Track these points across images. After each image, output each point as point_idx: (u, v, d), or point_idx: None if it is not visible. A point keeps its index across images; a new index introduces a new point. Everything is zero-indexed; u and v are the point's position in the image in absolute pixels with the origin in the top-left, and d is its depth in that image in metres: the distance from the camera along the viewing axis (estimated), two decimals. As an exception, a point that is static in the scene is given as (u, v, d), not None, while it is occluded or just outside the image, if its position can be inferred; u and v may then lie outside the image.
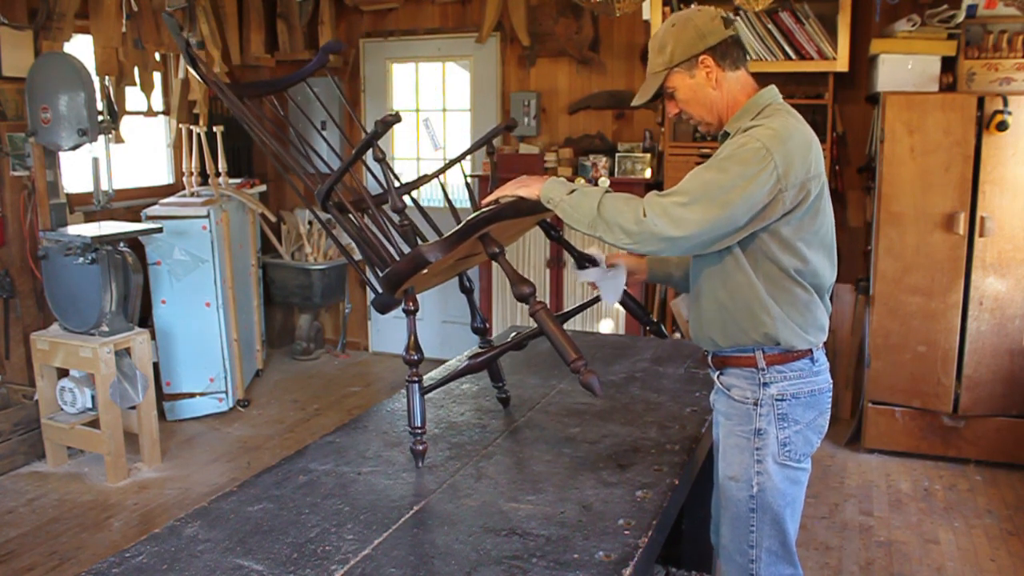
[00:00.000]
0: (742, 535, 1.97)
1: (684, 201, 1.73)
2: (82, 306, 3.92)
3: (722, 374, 2.02)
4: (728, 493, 1.99)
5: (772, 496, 1.93)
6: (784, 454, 1.93)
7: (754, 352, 1.92)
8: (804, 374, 1.93)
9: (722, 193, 1.72)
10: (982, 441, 4.10)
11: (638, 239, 1.75)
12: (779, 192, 1.75)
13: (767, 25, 4.28)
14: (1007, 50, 3.97)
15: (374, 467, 1.81)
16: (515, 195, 1.87)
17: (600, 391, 1.65)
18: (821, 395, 1.97)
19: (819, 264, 1.90)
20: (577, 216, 1.80)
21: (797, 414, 1.93)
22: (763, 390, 1.92)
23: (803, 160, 1.78)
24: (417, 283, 1.85)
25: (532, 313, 1.70)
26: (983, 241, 3.95)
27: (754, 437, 1.93)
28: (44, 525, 3.50)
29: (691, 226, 1.72)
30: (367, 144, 1.77)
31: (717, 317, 1.95)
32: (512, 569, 1.38)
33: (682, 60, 1.89)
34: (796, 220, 1.82)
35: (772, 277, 1.87)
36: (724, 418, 2.01)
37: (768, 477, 1.93)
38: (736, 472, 1.96)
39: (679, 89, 1.93)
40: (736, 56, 1.91)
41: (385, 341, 6.09)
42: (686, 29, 1.88)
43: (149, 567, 1.39)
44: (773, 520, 1.95)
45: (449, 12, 5.48)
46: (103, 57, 4.49)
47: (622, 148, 4.94)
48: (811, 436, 1.97)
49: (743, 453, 1.95)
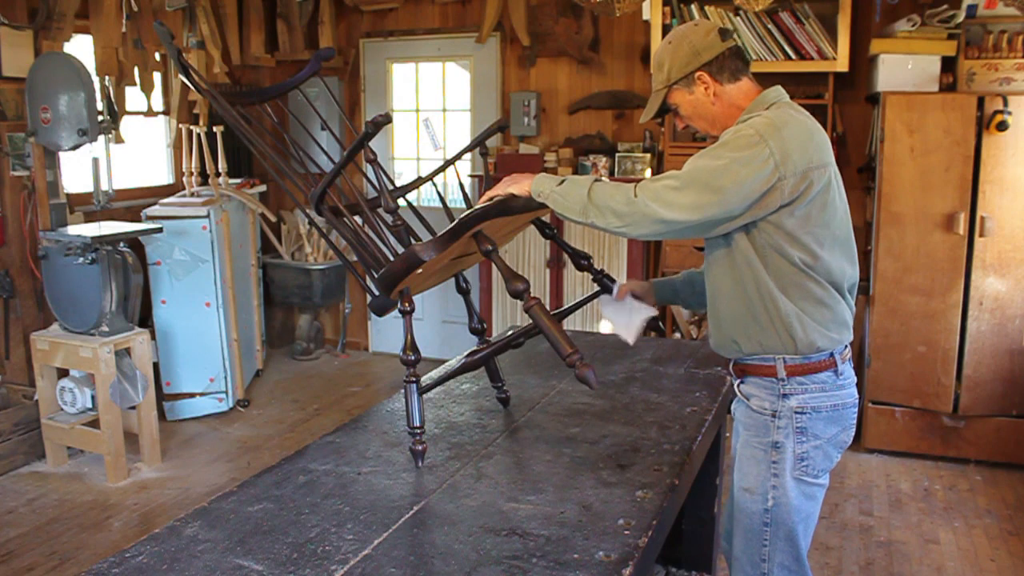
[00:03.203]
0: (755, 548, 1.95)
1: (676, 185, 1.73)
2: (82, 306, 3.92)
3: (742, 383, 2.00)
4: (742, 505, 1.96)
5: (787, 512, 1.90)
6: (801, 468, 1.89)
7: (775, 361, 1.89)
8: (827, 387, 1.90)
9: (714, 178, 1.72)
10: (982, 441, 4.10)
11: (629, 221, 1.74)
12: (777, 180, 1.73)
13: (767, 25, 4.28)
14: (1007, 50, 3.97)
15: (374, 467, 1.81)
16: (506, 193, 1.86)
17: (596, 384, 1.64)
18: (845, 410, 1.93)
19: (832, 260, 1.85)
20: (568, 204, 1.80)
21: (817, 429, 1.90)
22: (782, 401, 1.90)
23: (802, 149, 1.76)
24: (413, 284, 1.85)
25: (527, 309, 1.69)
26: (983, 241, 3.95)
27: (771, 450, 1.91)
28: (44, 525, 3.50)
29: (682, 210, 1.72)
30: (358, 145, 1.77)
31: (736, 319, 1.93)
32: (512, 569, 1.38)
33: (679, 78, 1.91)
34: (801, 211, 1.79)
35: (782, 272, 1.84)
36: (743, 428, 2.00)
37: (784, 492, 1.90)
38: (751, 484, 1.94)
39: (681, 105, 1.96)
40: (735, 67, 1.91)
41: (385, 341, 6.09)
42: (681, 47, 1.91)
43: (149, 567, 1.39)
44: (787, 535, 1.92)
45: (449, 12, 5.48)
46: (103, 57, 4.49)
47: (622, 148, 4.94)
48: (831, 451, 1.93)
49: (759, 465, 1.92)
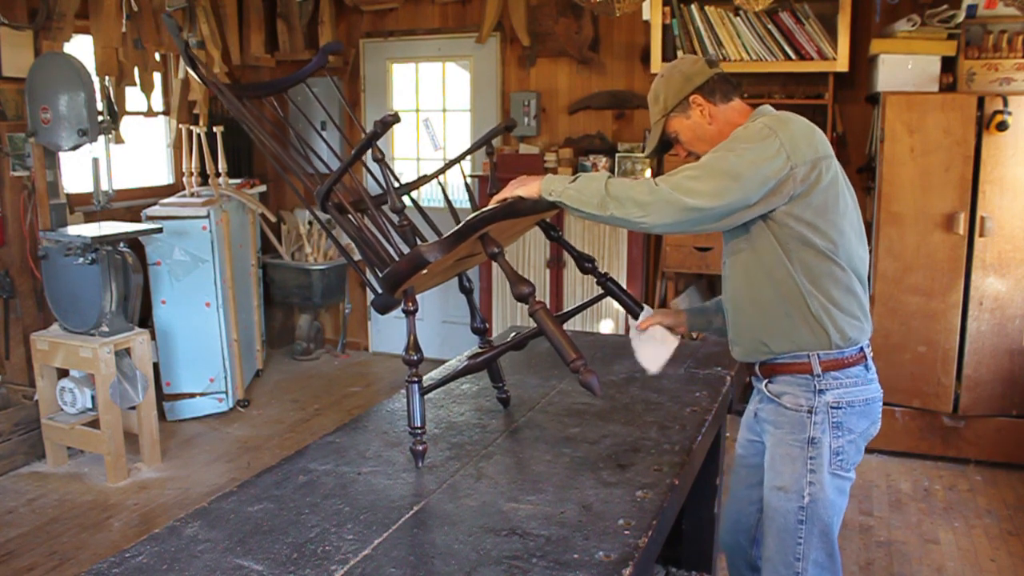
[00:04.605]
0: (789, 547, 1.95)
1: (696, 175, 1.78)
2: (82, 306, 3.92)
3: (771, 382, 2.00)
4: (775, 504, 1.97)
5: (823, 507, 1.92)
6: (837, 463, 1.92)
7: (808, 357, 1.91)
8: (859, 382, 1.93)
9: (732, 166, 1.78)
10: (982, 441, 4.10)
11: (651, 210, 1.76)
12: (790, 169, 1.80)
13: (767, 25, 4.28)
14: (1007, 50, 3.97)
15: (374, 467, 1.81)
16: (514, 195, 1.87)
17: (599, 390, 1.65)
18: (874, 404, 1.97)
19: (851, 246, 1.91)
20: (584, 199, 1.81)
21: (852, 423, 1.93)
22: (818, 397, 1.91)
23: (808, 140, 1.84)
24: (416, 283, 1.85)
25: (531, 313, 1.70)
26: (983, 241, 3.95)
27: (807, 446, 1.92)
28: (44, 525, 3.50)
29: (703, 197, 1.75)
30: (366, 144, 1.77)
31: (763, 320, 1.94)
32: (512, 569, 1.38)
33: (675, 104, 1.99)
34: (818, 200, 1.84)
35: (808, 263, 1.87)
36: (773, 427, 2.00)
37: (820, 488, 1.91)
38: (786, 482, 1.94)
39: (681, 132, 2.03)
40: (725, 90, 2.00)
41: (385, 341, 6.09)
42: (673, 76, 2.00)
43: (149, 567, 1.39)
44: (822, 531, 1.93)
45: (449, 12, 5.48)
46: (103, 57, 4.49)
47: (622, 148, 4.94)
48: (862, 445, 1.97)
49: (795, 463, 1.93)
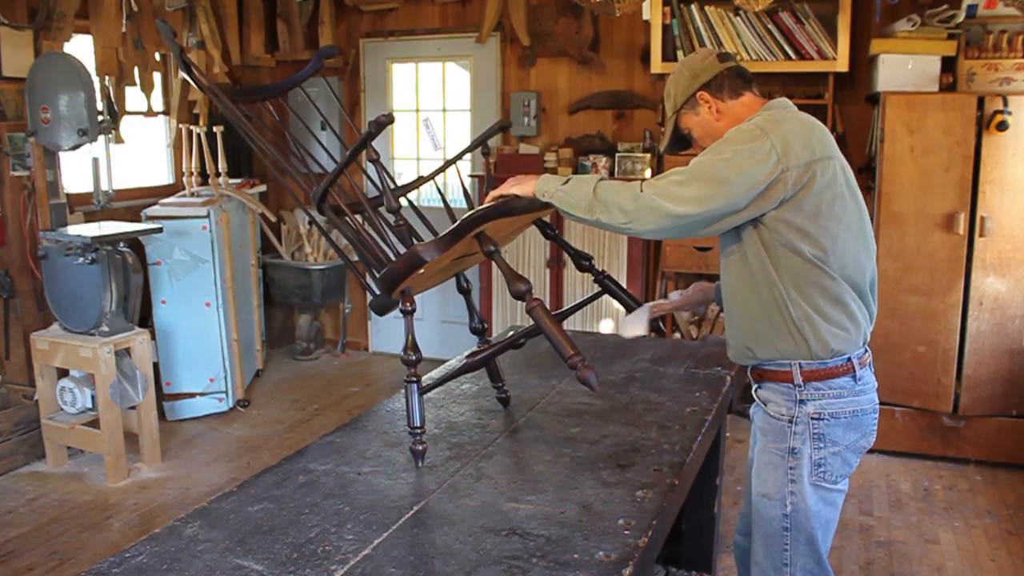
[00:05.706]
0: (776, 553, 1.95)
1: (681, 180, 1.76)
2: (82, 306, 3.92)
3: (759, 388, 2.00)
4: (761, 510, 1.97)
5: (805, 517, 1.91)
6: (818, 475, 1.89)
7: (791, 366, 1.89)
8: (845, 393, 1.89)
9: (718, 171, 1.75)
10: (982, 441, 4.10)
11: (635, 216, 1.76)
12: (780, 172, 1.76)
13: (767, 25, 4.28)
14: (1007, 50, 3.97)
15: (374, 467, 1.81)
16: (510, 193, 1.88)
17: (597, 386, 1.64)
18: (864, 416, 1.92)
19: (847, 254, 1.85)
20: (573, 202, 1.82)
21: (836, 435, 1.89)
22: (799, 407, 1.89)
23: (804, 141, 1.80)
24: (414, 284, 1.85)
25: (529, 310, 1.70)
26: (983, 241, 3.95)
27: (788, 456, 1.91)
28: (44, 525, 3.50)
29: (688, 203, 1.74)
30: (361, 145, 1.77)
31: (750, 325, 1.93)
32: (512, 569, 1.38)
33: (684, 102, 2.00)
34: (811, 205, 1.80)
35: (795, 270, 1.83)
36: (760, 433, 2.00)
37: (801, 498, 1.90)
38: (770, 490, 1.94)
39: (692, 128, 2.03)
40: (736, 85, 1.98)
41: (385, 341, 6.09)
42: (682, 73, 2.01)
43: (149, 567, 1.39)
44: (807, 540, 1.92)
45: (449, 12, 5.48)
46: (103, 57, 4.49)
47: (622, 148, 4.94)
48: (850, 457, 1.92)
49: (777, 471, 1.92)
